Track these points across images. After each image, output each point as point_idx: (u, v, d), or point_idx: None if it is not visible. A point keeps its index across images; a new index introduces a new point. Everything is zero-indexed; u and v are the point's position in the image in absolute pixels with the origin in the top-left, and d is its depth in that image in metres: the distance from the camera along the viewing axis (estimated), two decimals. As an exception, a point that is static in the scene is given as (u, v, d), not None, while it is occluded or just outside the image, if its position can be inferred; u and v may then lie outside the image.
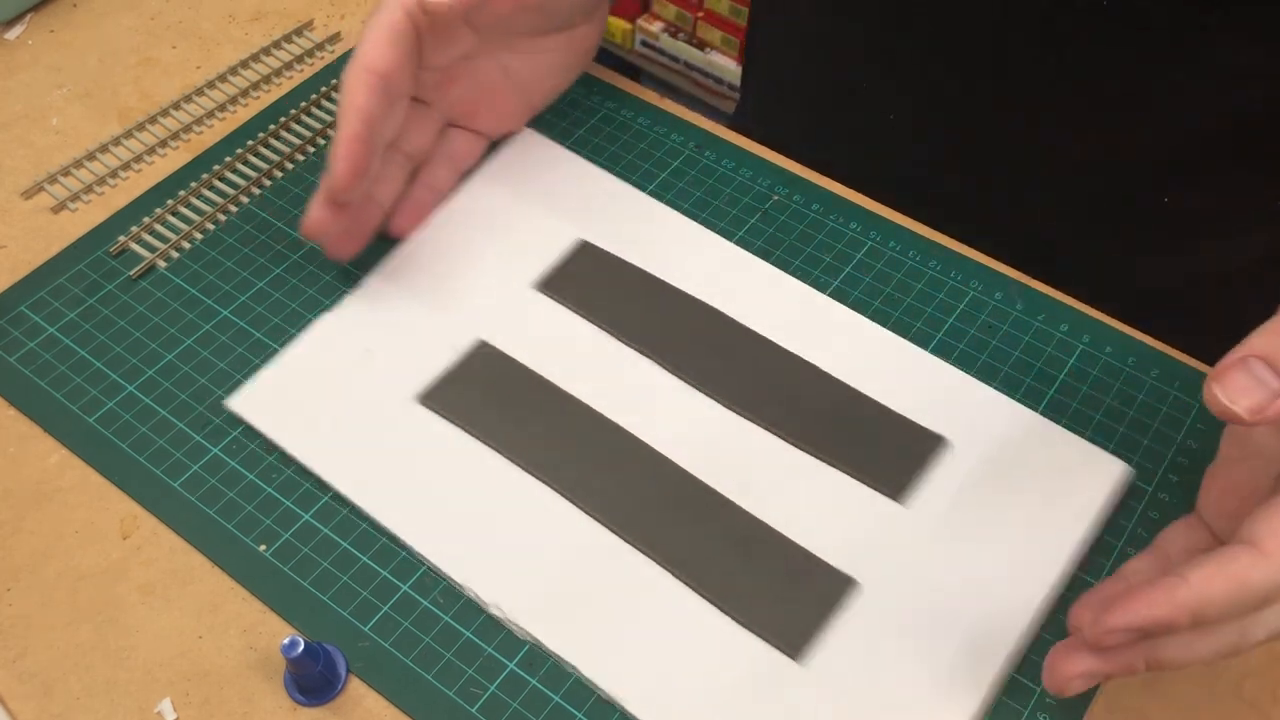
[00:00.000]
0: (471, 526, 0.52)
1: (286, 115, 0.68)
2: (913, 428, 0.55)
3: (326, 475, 0.53)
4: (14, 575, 0.51)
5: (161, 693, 0.48)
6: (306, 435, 0.54)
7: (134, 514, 0.53)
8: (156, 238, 0.62)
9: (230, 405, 0.55)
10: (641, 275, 0.60)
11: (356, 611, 0.50)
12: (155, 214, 0.63)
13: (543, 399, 0.56)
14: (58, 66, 0.72)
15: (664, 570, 0.50)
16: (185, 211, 0.63)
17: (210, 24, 0.74)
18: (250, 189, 0.64)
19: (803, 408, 0.55)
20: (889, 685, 0.47)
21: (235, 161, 0.65)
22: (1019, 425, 0.55)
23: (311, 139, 0.67)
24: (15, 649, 0.49)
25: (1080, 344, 0.58)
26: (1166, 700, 0.48)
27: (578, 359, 0.57)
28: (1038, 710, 0.48)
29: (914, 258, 0.62)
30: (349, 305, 0.59)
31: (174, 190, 0.64)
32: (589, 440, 0.54)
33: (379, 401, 0.56)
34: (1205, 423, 0.56)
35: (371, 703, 0.48)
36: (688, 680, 0.48)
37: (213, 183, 0.64)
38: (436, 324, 0.58)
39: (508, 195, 0.64)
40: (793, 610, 0.49)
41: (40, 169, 0.66)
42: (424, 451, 0.54)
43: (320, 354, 0.57)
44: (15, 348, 0.58)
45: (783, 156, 0.66)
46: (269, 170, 0.65)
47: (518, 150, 0.66)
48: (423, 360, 0.57)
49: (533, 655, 0.49)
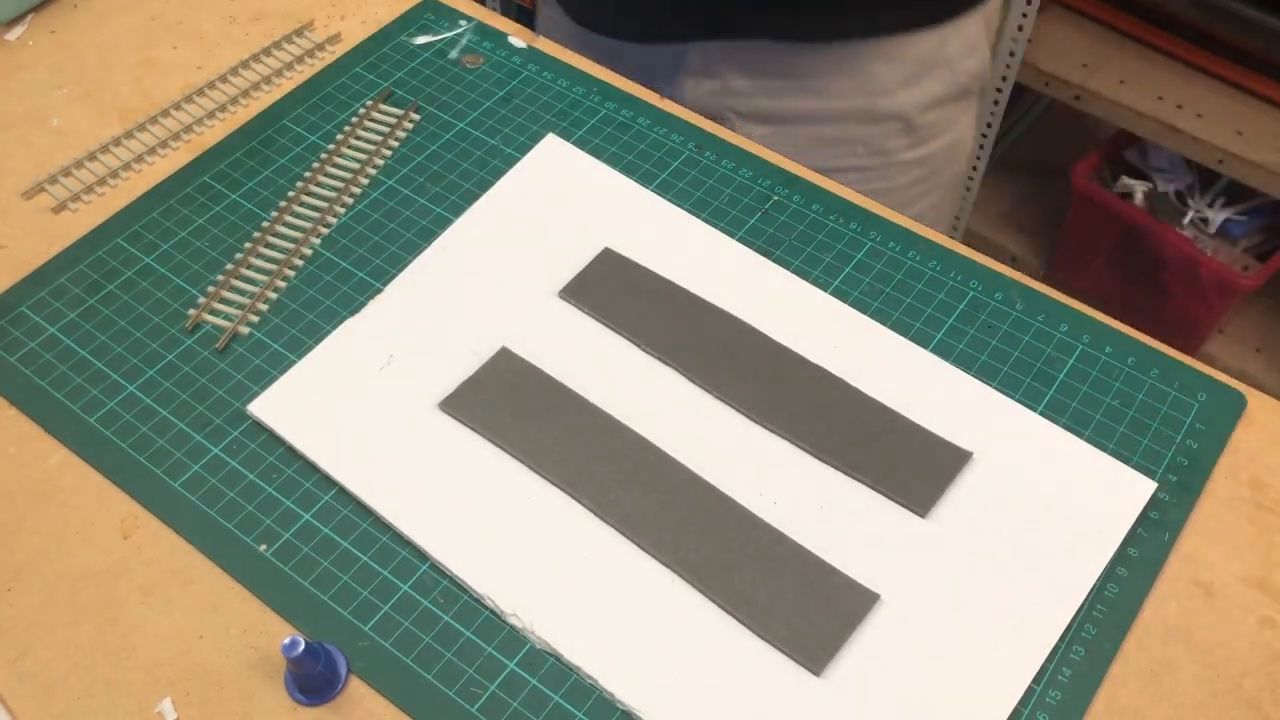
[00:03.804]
0: (491, 535, 0.52)
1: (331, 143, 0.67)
2: (938, 442, 0.54)
3: (345, 481, 0.53)
4: (14, 575, 0.51)
5: (162, 692, 0.48)
6: (326, 441, 0.54)
7: (134, 514, 0.53)
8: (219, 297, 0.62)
9: (251, 410, 0.55)
10: (665, 284, 0.60)
11: (357, 611, 0.50)
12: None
13: (565, 407, 0.55)
14: (58, 67, 0.72)
15: (685, 583, 0.50)
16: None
17: (211, 24, 0.74)
18: (281, 215, 0.64)
19: (826, 420, 0.55)
20: (910, 701, 0.47)
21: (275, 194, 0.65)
22: (1044, 440, 0.54)
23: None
24: (16, 649, 0.49)
25: (1080, 344, 0.58)
26: (1166, 700, 0.48)
27: (601, 368, 0.57)
28: (1038, 710, 0.48)
29: (914, 258, 0.62)
30: (371, 311, 0.59)
31: (175, 191, 0.65)
32: (611, 451, 0.54)
33: (400, 407, 0.56)
34: (1205, 423, 0.56)
35: (372, 703, 0.48)
36: (707, 692, 0.47)
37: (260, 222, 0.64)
38: (458, 330, 0.58)
39: (531, 202, 0.63)
40: (815, 625, 0.49)
41: (41, 169, 0.66)
42: (444, 458, 0.54)
43: (341, 359, 0.57)
44: (16, 348, 0.58)
45: (781, 156, 0.66)
46: (296, 195, 0.65)
47: (542, 156, 0.66)
48: (444, 366, 0.57)
49: (533, 655, 0.49)
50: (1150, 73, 1.34)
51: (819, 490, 0.53)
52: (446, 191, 0.65)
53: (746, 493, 0.53)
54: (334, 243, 0.63)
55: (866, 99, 0.78)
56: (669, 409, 0.56)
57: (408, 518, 0.52)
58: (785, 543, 0.51)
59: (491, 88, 0.70)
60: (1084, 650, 0.49)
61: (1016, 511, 0.52)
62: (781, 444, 0.54)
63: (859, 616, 0.49)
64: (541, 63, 0.71)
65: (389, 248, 0.62)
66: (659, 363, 0.57)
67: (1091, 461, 0.54)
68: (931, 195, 0.87)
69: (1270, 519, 0.53)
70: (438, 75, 0.71)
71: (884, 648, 0.48)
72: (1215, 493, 0.54)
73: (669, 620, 0.49)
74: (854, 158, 0.81)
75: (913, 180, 0.84)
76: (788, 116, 0.80)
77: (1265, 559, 0.52)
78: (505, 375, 0.56)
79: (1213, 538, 0.52)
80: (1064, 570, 0.50)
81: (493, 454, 0.54)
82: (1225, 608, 0.50)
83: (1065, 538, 0.51)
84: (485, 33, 0.73)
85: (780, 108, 0.80)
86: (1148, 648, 0.49)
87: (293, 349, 0.58)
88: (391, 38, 0.73)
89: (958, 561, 0.51)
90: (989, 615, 0.49)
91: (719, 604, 0.50)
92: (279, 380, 0.56)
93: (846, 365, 0.57)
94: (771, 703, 0.47)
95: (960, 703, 0.47)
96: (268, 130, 0.68)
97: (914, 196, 0.85)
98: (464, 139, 0.67)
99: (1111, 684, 0.48)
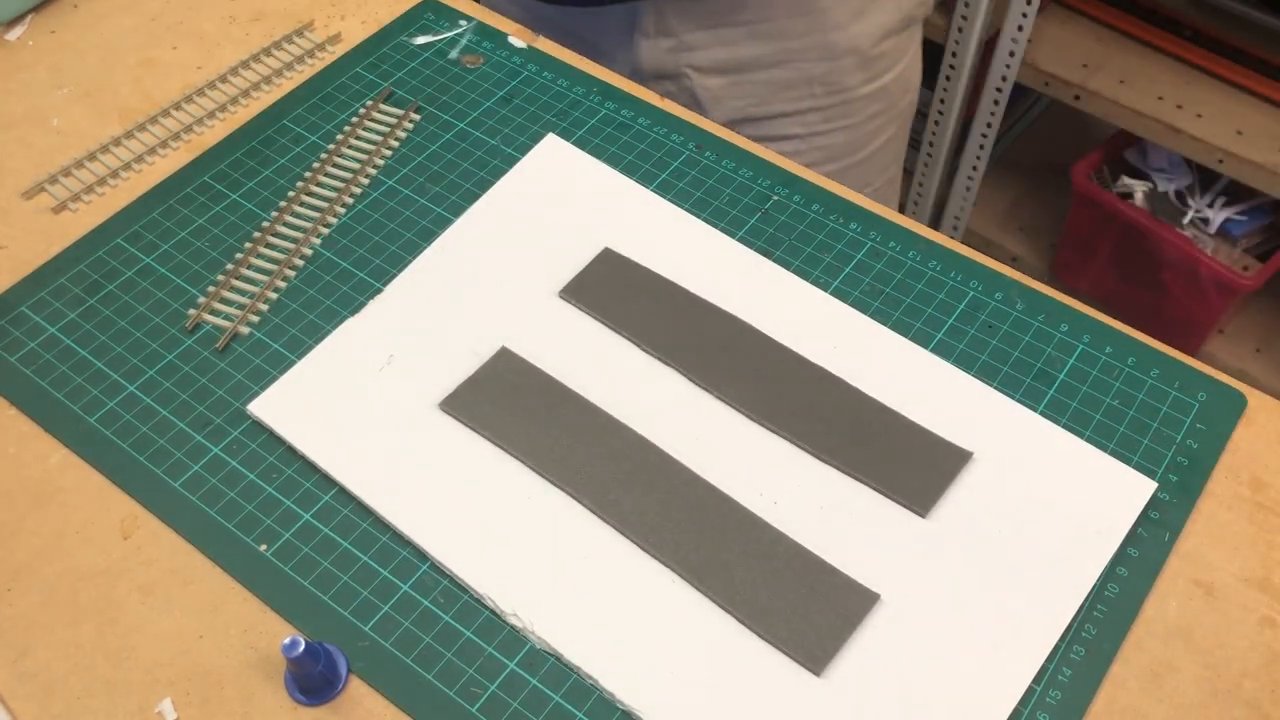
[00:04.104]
0: (491, 535, 0.52)
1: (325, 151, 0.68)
2: (938, 443, 0.54)
3: (346, 481, 0.53)
4: (14, 575, 0.51)
5: (162, 692, 0.48)
6: (326, 441, 0.54)
7: (134, 514, 0.53)
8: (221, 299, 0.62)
9: (251, 410, 0.55)
10: (666, 284, 0.60)
11: (357, 611, 0.50)
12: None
13: (565, 407, 0.55)
14: (59, 67, 0.72)
15: (685, 583, 0.50)
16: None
17: (211, 24, 0.74)
18: (281, 215, 0.64)
19: (826, 420, 0.55)
20: (910, 701, 0.47)
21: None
22: (1044, 440, 0.54)
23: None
24: (16, 649, 0.49)
25: (1080, 344, 0.58)
26: (1167, 700, 0.48)
27: (601, 368, 0.57)
28: (1038, 710, 0.48)
29: (914, 258, 0.62)
30: (371, 311, 0.59)
31: (175, 191, 0.64)
32: (611, 451, 0.54)
33: (400, 407, 0.56)
34: (1205, 423, 0.56)
35: (372, 703, 0.48)
36: (707, 692, 0.47)
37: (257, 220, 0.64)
38: (458, 330, 0.58)
39: (531, 202, 0.63)
40: (815, 625, 0.49)
41: (41, 169, 0.66)
42: (444, 458, 0.54)
43: (341, 359, 0.57)
44: (16, 348, 0.58)
45: (779, 156, 0.66)
46: (296, 195, 0.65)
47: (542, 156, 0.66)
48: (444, 366, 0.57)
49: (533, 655, 0.49)
50: (1150, 73, 1.34)
51: (819, 490, 0.53)
52: (446, 191, 0.65)
53: (746, 493, 0.53)
54: (334, 243, 0.63)
55: (820, 35, 0.79)
56: (669, 409, 0.56)
57: (408, 518, 0.52)
58: (785, 543, 0.51)
59: (491, 88, 0.70)
60: (1084, 650, 0.49)
61: (1017, 511, 0.52)
62: (781, 444, 0.54)
63: (859, 616, 0.49)
64: (541, 63, 0.71)
65: (389, 248, 0.62)
66: (659, 363, 0.57)
67: (1092, 461, 0.54)
68: (889, 128, 0.88)
69: (1270, 519, 0.53)
70: (438, 75, 0.71)
71: (884, 648, 0.48)
72: (1215, 493, 0.54)
73: (669, 620, 0.49)
74: (813, 98, 0.83)
75: (871, 114, 0.86)
76: (744, 64, 0.81)
77: (1265, 559, 0.52)
78: (505, 375, 0.56)
79: (1213, 538, 0.52)
80: (1064, 570, 0.50)
81: (493, 454, 0.54)
82: (1225, 608, 0.50)
83: (1065, 538, 0.51)
84: (485, 33, 0.73)
85: (737, 56, 0.80)
86: (1148, 648, 0.49)
87: (293, 349, 0.58)
88: (391, 38, 0.73)
89: (958, 561, 0.51)
90: (989, 615, 0.49)
91: (719, 604, 0.50)
92: (279, 380, 0.56)
93: (846, 365, 0.57)
94: (771, 703, 0.47)
95: (960, 703, 0.47)
96: (268, 130, 0.68)
97: (873, 131, 0.87)
98: (464, 139, 0.67)
99: (1111, 684, 0.48)
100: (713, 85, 0.81)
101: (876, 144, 0.88)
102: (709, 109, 0.82)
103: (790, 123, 0.84)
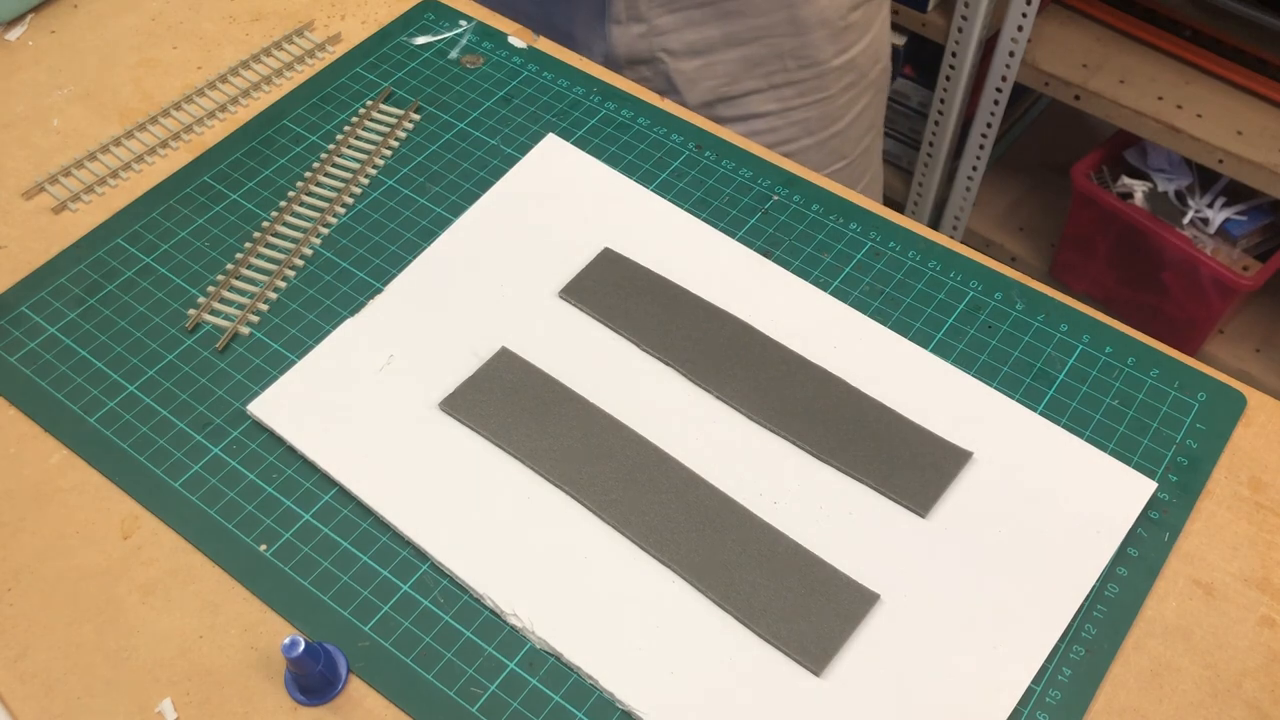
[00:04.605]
0: (490, 534, 0.52)
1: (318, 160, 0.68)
2: (938, 443, 0.54)
3: (345, 481, 0.53)
4: (14, 575, 0.52)
5: (162, 692, 0.48)
6: (326, 441, 0.54)
7: (134, 514, 0.53)
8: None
9: (251, 410, 0.55)
10: (666, 284, 0.60)
11: (357, 611, 0.50)
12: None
13: (565, 408, 0.55)
14: (59, 67, 0.72)
15: (685, 583, 0.50)
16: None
17: (211, 24, 0.74)
18: (281, 215, 0.64)
19: (826, 420, 0.55)
20: (910, 701, 0.47)
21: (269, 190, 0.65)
22: (1044, 440, 0.54)
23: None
24: (16, 649, 0.50)
25: (1080, 344, 0.58)
26: (1167, 700, 0.48)
27: (601, 368, 0.57)
28: (1038, 710, 0.48)
29: (914, 258, 0.62)
30: (371, 311, 0.59)
31: (175, 191, 0.65)
32: (611, 451, 0.54)
33: (400, 407, 0.56)
34: (1205, 423, 0.56)
35: (372, 703, 0.48)
36: (707, 692, 0.47)
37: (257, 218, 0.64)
38: (458, 330, 0.58)
39: (532, 202, 0.63)
40: (815, 625, 0.49)
41: (41, 169, 0.66)
42: (444, 458, 0.54)
43: (341, 359, 0.57)
44: (16, 348, 0.58)
45: (780, 156, 0.66)
46: (296, 195, 0.65)
47: (542, 156, 0.66)
48: (444, 366, 0.57)
49: (533, 655, 0.49)
50: (1150, 73, 1.34)
51: (819, 490, 0.53)
52: (446, 191, 0.65)
53: (746, 493, 0.53)
54: (334, 243, 0.63)
55: (787, 10, 0.79)
56: (669, 409, 0.56)
57: (407, 518, 0.52)
58: (785, 543, 0.51)
59: (491, 88, 0.70)
60: (1084, 650, 0.49)
61: (1016, 511, 0.52)
62: (781, 444, 0.55)
63: (859, 616, 0.49)
64: (541, 63, 0.71)
65: (389, 248, 0.62)
66: (659, 363, 0.57)
67: (1091, 461, 0.54)
68: (862, 98, 0.89)
69: (1270, 519, 0.53)
70: (438, 75, 0.71)
71: (884, 648, 0.48)
72: (1215, 493, 0.54)
73: (669, 620, 0.49)
74: (786, 73, 0.83)
75: (844, 86, 0.86)
76: (716, 44, 0.81)
77: (1265, 559, 0.52)
78: (505, 375, 0.56)
79: (1213, 538, 0.52)
80: (1064, 570, 0.50)
81: (493, 454, 0.54)
82: (1225, 608, 0.50)
83: (1065, 538, 0.51)
84: (485, 33, 0.73)
85: (708, 37, 0.81)
86: (1148, 648, 0.49)
87: (293, 349, 0.58)
88: (391, 38, 0.73)
89: (958, 561, 0.51)
90: (989, 615, 0.49)
91: (719, 604, 0.50)
92: (279, 380, 0.56)
93: (846, 365, 0.57)
94: (772, 703, 0.47)
95: (960, 702, 0.47)
96: (268, 130, 0.68)
97: (847, 103, 0.88)
98: (464, 139, 0.67)
99: (1111, 684, 0.48)
100: (686, 68, 0.82)
101: (851, 115, 0.89)
102: (684, 91, 0.83)
103: (765, 99, 0.84)
